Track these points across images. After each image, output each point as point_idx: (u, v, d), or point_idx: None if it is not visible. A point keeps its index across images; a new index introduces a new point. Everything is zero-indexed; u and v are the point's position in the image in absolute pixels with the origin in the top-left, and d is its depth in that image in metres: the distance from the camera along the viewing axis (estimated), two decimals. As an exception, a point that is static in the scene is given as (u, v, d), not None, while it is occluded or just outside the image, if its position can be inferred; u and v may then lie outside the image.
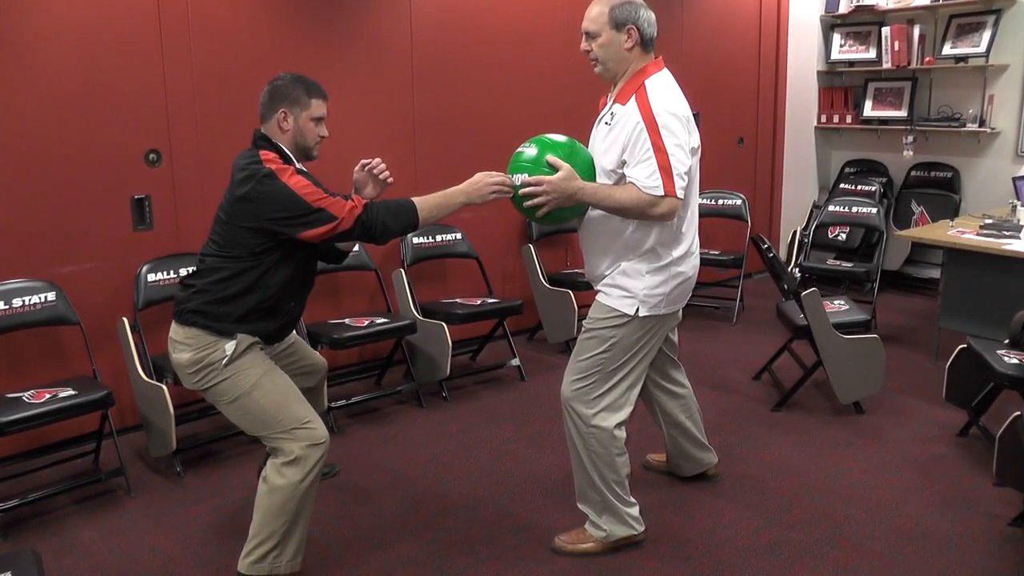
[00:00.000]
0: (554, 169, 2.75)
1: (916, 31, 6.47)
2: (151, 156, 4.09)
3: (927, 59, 6.45)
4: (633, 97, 2.77)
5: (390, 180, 2.99)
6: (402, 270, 4.82)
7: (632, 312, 2.87)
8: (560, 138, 2.88)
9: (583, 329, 2.99)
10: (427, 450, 4.00)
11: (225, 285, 2.72)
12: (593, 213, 2.90)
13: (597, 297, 2.97)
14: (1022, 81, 6.12)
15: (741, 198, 6.25)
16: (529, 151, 2.84)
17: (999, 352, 3.72)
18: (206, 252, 2.78)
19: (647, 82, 2.78)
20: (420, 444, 4.07)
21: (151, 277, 3.99)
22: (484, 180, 2.80)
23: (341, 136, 4.43)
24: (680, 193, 2.71)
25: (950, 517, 3.29)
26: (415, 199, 2.78)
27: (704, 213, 6.26)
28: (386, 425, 4.31)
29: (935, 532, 3.18)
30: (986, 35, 6.15)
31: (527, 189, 2.75)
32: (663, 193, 2.68)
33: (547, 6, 5.50)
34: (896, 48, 6.51)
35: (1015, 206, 5.19)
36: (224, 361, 2.72)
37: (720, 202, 6.28)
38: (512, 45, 5.38)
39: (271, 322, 2.81)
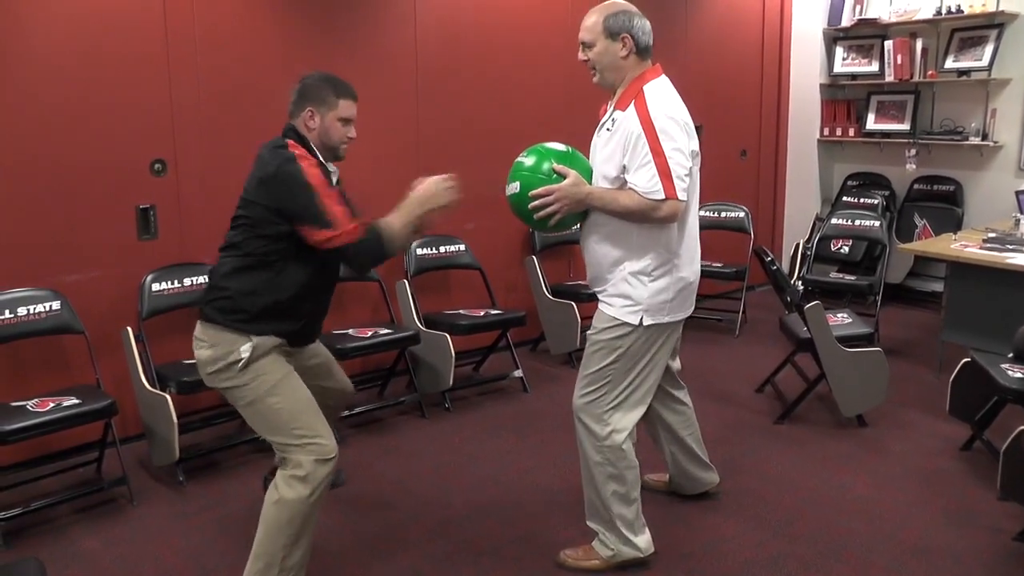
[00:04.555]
0: (561, 177, 2.78)
1: (919, 44, 6.49)
2: (156, 166, 4.10)
3: (930, 72, 6.47)
4: (632, 103, 2.79)
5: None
6: (405, 281, 4.83)
7: (636, 321, 2.86)
8: (559, 146, 2.90)
9: (588, 340, 2.98)
10: (430, 461, 3.99)
11: (240, 283, 2.72)
12: (595, 219, 2.90)
13: (600, 307, 2.97)
14: (1023, 96, 6.15)
15: (744, 210, 6.26)
16: (527, 160, 2.87)
17: (1003, 366, 3.72)
18: (223, 249, 2.79)
19: (645, 88, 2.80)
20: (423, 455, 4.07)
21: (155, 287, 3.99)
22: (434, 179, 2.77)
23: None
24: (682, 195, 2.72)
25: (954, 531, 3.28)
26: (386, 228, 2.69)
27: (707, 225, 6.28)
28: (389, 435, 4.31)
29: (939, 546, 3.18)
30: (989, 49, 6.16)
31: (538, 201, 2.78)
32: (663, 197, 2.69)
33: (550, 17, 5.53)
34: (899, 61, 6.52)
35: (1018, 219, 5.19)
36: (241, 364, 2.71)
37: (723, 214, 6.29)
38: (515, 56, 5.40)
39: (288, 323, 2.79)
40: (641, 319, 2.86)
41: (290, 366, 2.82)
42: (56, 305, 3.73)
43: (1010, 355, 3.87)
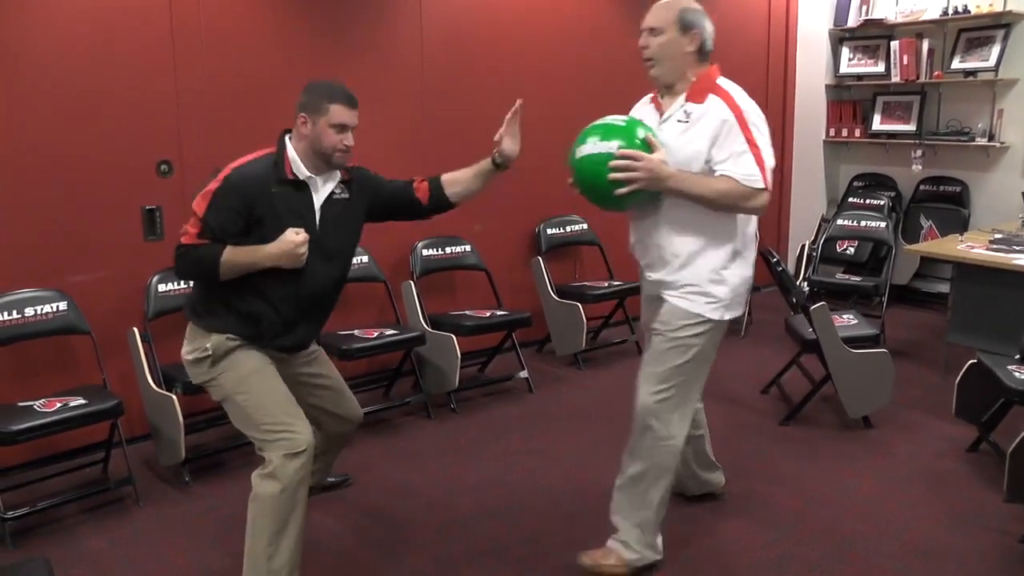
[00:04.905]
0: (649, 148, 2.70)
1: (925, 45, 6.46)
2: (162, 167, 4.11)
3: (936, 73, 6.45)
4: (712, 95, 2.75)
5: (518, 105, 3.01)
6: (411, 282, 4.83)
7: (717, 317, 2.82)
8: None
9: (658, 335, 2.88)
10: (435, 462, 4.00)
11: (199, 283, 2.88)
12: (671, 208, 2.79)
13: (673, 301, 2.85)
14: (1031, 96, 6.13)
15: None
16: (618, 121, 2.78)
17: (1009, 367, 3.71)
18: None
19: (720, 82, 2.79)
20: (428, 456, 4.07)
21: (161, 287, 4.00)
22: (289, 240, 2.72)
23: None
24: (770, 188, 2.72)
25: (960, 533, 3.28)
26: (226, 252, 2.70)
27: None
28: (394, 436, 4.31)
29: (945, 548, 3.17)
30: (995, 49, 6.15)
31: (621, 163, 2.66)
32: (762, 186, 2.68)
33: (557, 17, 5.53)
34: (905, 62, 6.51)
35: (1025, 221, 5.18)
36: (209, 360, 2.80)
37: (729, 215, 6.27)
38: (522, 56, 5.40)
39: (244, 324, 2.81)
40: (720, 314, 2.82)
41: (262, 362, 2.84)
42: (63, 306, 3.75)
43: (1017, 356, 3.86)
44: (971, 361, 3.96)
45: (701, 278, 2.81)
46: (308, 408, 2.95)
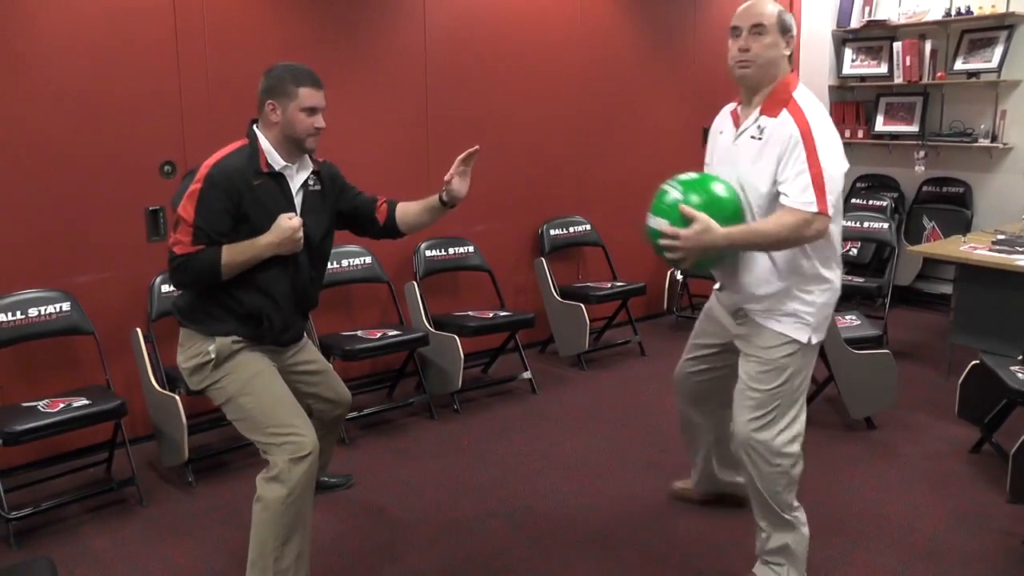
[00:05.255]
0: (689, 220, 2.53)
1: (928, 46, 6.47)
2: (166, 168, 4.12)
3: (939, 74, 6.45)
4: (784, 110, 2.61)
5: (473, 150, 2.91)
6: (414, 282, 4.83)
7: (805, 339, 2.71)
8: (710, 184, 2.68)
9: (751, 359, 2.79)
10: (438, 462, 4.00)
11: None
12: (746, 253, 2.72)
13: (761, 322, 2.75)
14: (1034, 97, 6.13)
15: (752, 212, 6.25)
16: (673, 193, 2.62)
17: (1012, 368, 3.71)
18: None
19: (795, 95, 2.64)
20: (431, 456, 4.07)
21: (164, 288, 4.00)
22: (286, 225, 2.72)
23: (355, 145, 4.46)
24: (831, 211, 2.54)
25: (963, 534, 3.28)
26: (224, 252, 2.69)
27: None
28: (398, 437, 4.32)
29: (948, 549, 3.17)
30: (998, 51, 6.15)
31: (665, 241, 2.55)
32: (817, 210, 2.51)
33: (560, 18, 5.53)
34: (908, 63, 6.51)
35: (1028, 222, 5.19)
36: (211, 364, 2.77)
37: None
38: (525, 56, 5.40)
39: (247, 326, 2.80)
40: (809, 338, 2.72)
41: (265, 364, 2.84)
42: (66, 306, 3.75)
43: (1020, 357, 3.86)
44: (974, 362, 3.97)
45: (788, 299, 2.71)
46: (302, 397, 2.95)
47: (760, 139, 2.65)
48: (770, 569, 2.90)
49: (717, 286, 3.03)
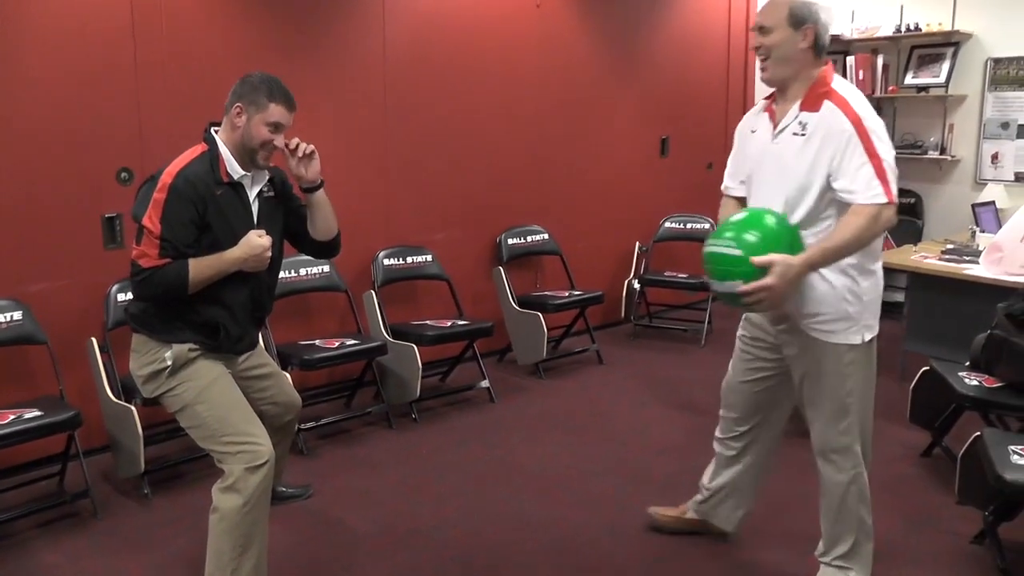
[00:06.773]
0: (764, 270, 2.42)
1: (880, 61, 6.62)
2: (123, 175, 4.08)
3: (891, 88, 6.60)
4: (827, 103, 2.56)
5: (309, 150, 2.87)
6: (373, 291, 4.83)
7: (858, 340, 2.68)
8: (758, 220, 2.57)
9: (813, 376, 2.77)
10: (397, 471, 3.99)
11: None
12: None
13: (814, 335, 2.70)
14: (979, 111, 6.29)
15: (710, 222, 6.32)
16: (731, 252, 2.48)
17: (960, 374, 3.80)
18: None
19: (834, 85, 2.60)
20: (390, 465, 4.06)
21: (121, 297, 3.95)
22: (257, 243, 2.73)
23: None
24: (896, 200, 2.52)
25: (914, 535, 3.35)
26: (191, 267, 2.66)
27: (673, 237, 6.37)
28: (356, 446, 4.30)
29: (900, 549, 3.23)
30: (945, 66, 6.31)
31: (755, 298, 2.45)
32: (886, 200, 2.48)
33: (518, 28, 5.57)
34: (861, 77, 6.64)
35: (974, 232, 5.31)
36: (167, 371, 2.74)
37: (688, 226, 6.35)
38: (484, 66, 5.43)
39: (203, 335, 2.78)
40: (862, 336, 2.69)
41: (220, 371, 2.82)
42: (17, 315, 3.69)
43: (967, 363, 3.95)
44: (924, 368, 4.05)
45: (839, 305, 2.66)
46: (254, 403, 2.93)
47: (803, 135, 2.60)
48: (839, 571, 2.91)
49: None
